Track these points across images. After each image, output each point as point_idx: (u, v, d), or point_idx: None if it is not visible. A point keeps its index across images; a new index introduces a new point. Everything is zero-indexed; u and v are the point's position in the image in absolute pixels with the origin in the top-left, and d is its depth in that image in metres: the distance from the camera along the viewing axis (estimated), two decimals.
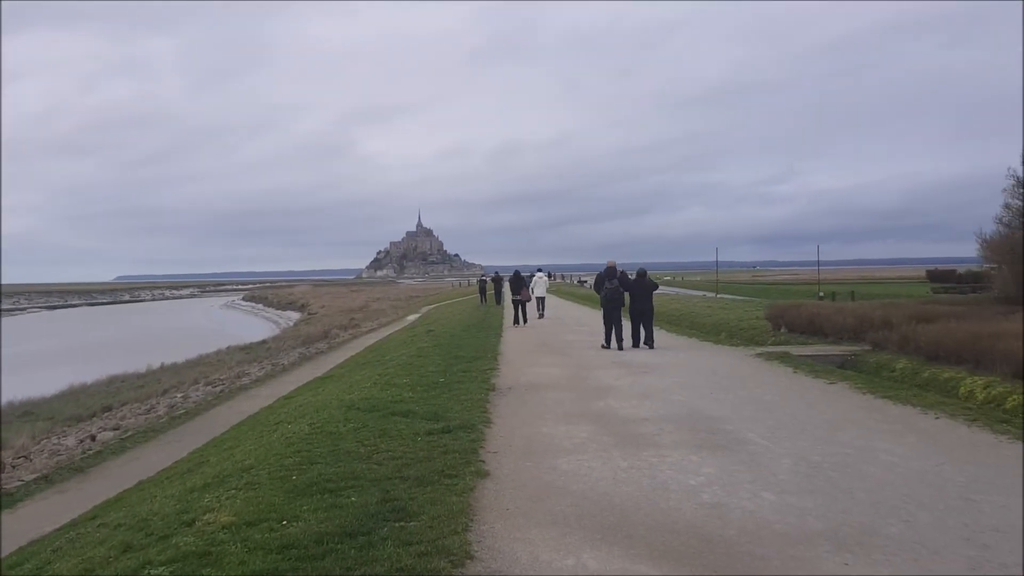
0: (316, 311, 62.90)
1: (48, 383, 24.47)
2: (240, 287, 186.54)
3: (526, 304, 26.30)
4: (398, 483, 5.96)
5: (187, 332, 53.32)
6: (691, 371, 12.84)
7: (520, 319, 25.46)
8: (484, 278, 46.80)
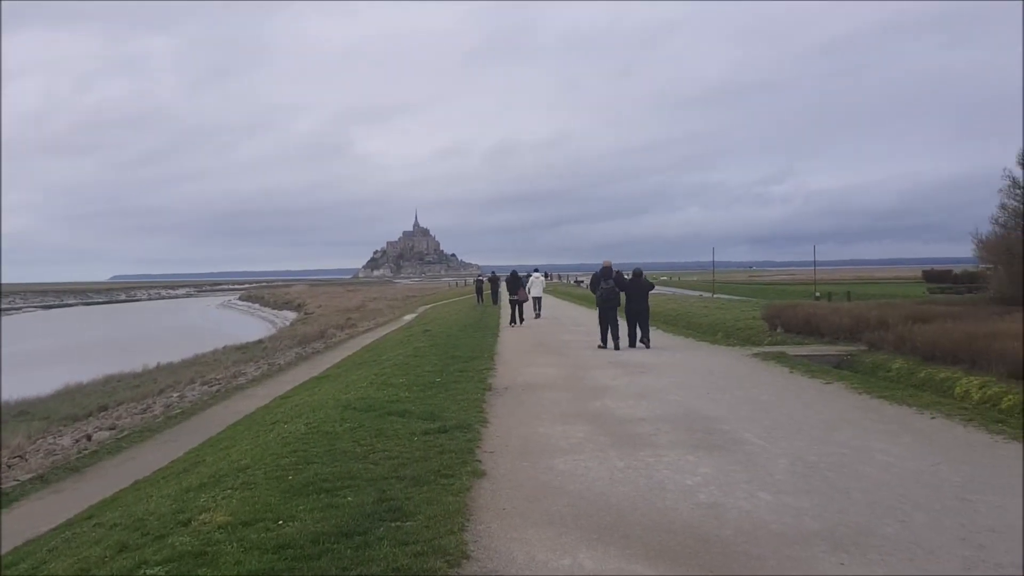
0: (312, 311, 62.81)
1: (44, 383, 24.41)
2: (236, 287, 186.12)
3: (523, 304, 26.31)
4: (394, 483, 5.95)
5: (183, 332, 53.23)
6: (688, 371, 12.85)
7: (517, 319, 25.47)
8: (481, 278, 46.74)
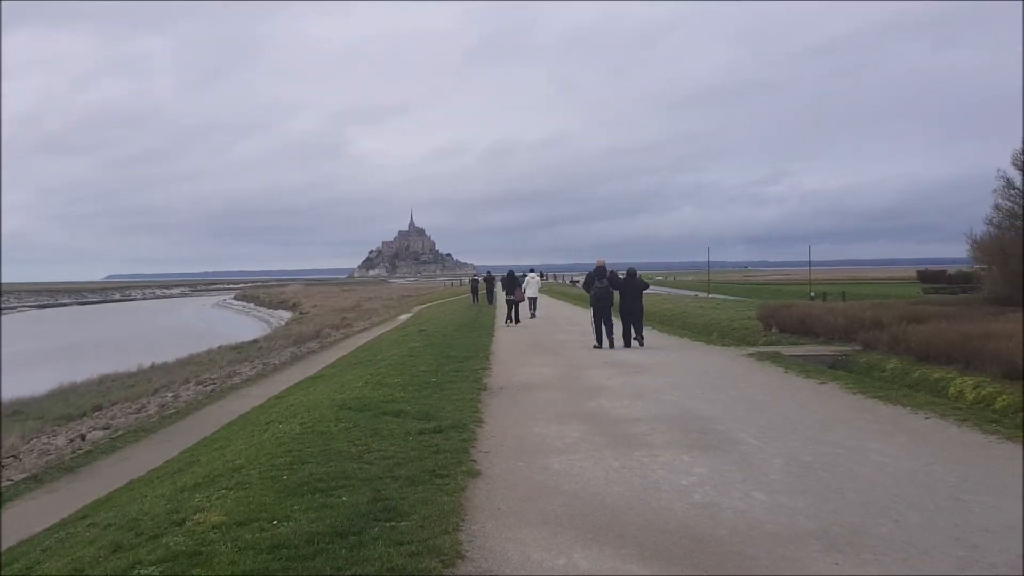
0: (308, 310, 62.75)
1: (38, 382, 24.36)
2: (231, 286, 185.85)
3: (519, 304, 26.35)
4: (389, 483, 5.95)
5: (178, 331, 53.13)
6: (683, 371, 12.87)
7: (513, 319, 25.50)
8: (476, 278, 46.79)
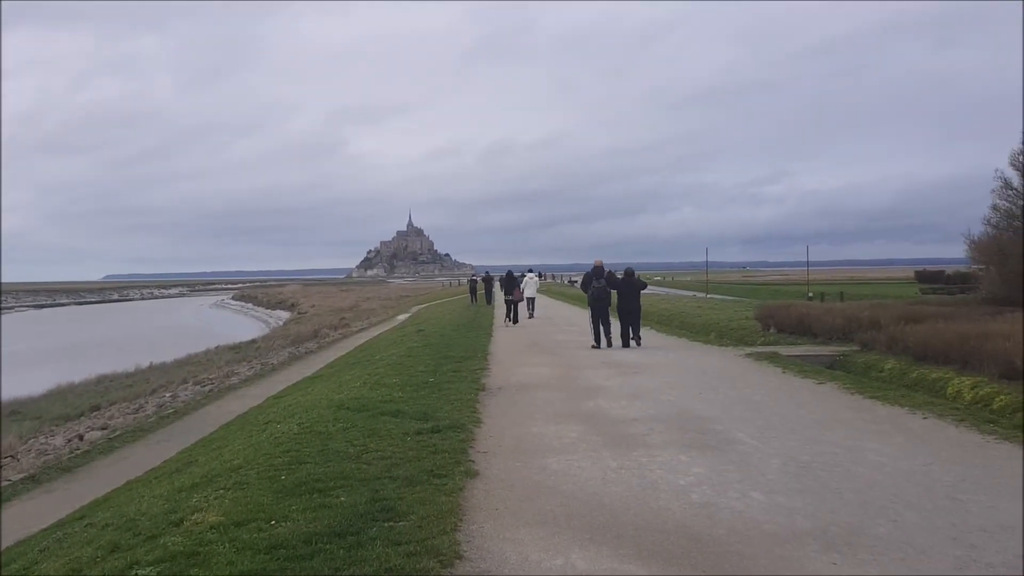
0: (306, 310, 62.74)
1: (36, 382, 24.35)
2: (229, 286, 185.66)
3: (517, 304, 26.37)
4: (387, 483, 5.94)
5: (176, 331, 53.09)
6: (681, 371, 12.87)
7: (511, 319, 25.52)
8: (475, 278, 46.82)
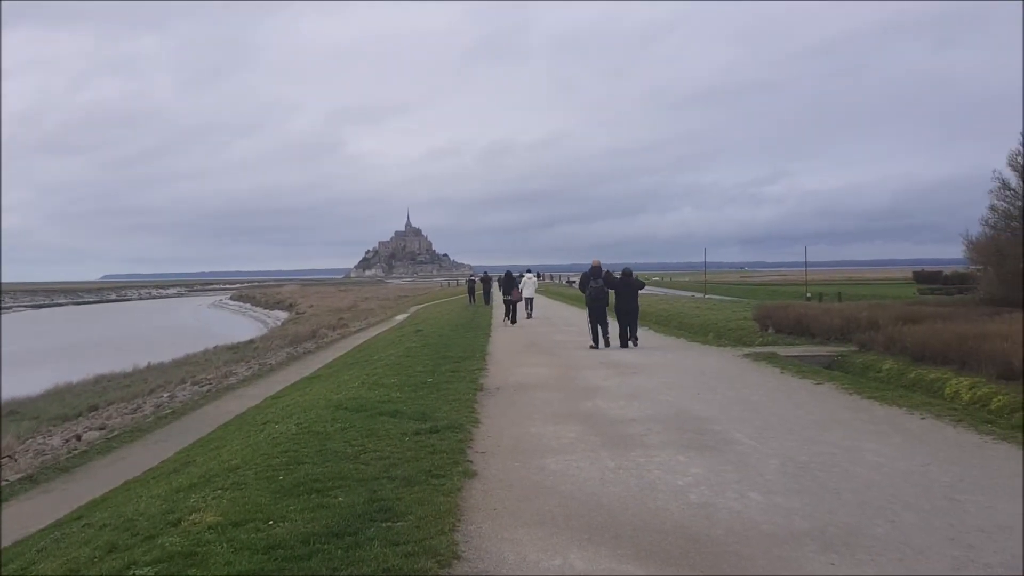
0: (304, 311, 62.74)
1: (33, 382, 24.33)
2: (228, 286, 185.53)
3: (516, 304, 26.39)
4: (385, 483, 5.94)
5: (174, 331, 53.05)
6: (679, 371, 12.88)
7: (510, 318, 25.53)
8: (473, 278, 46.83)
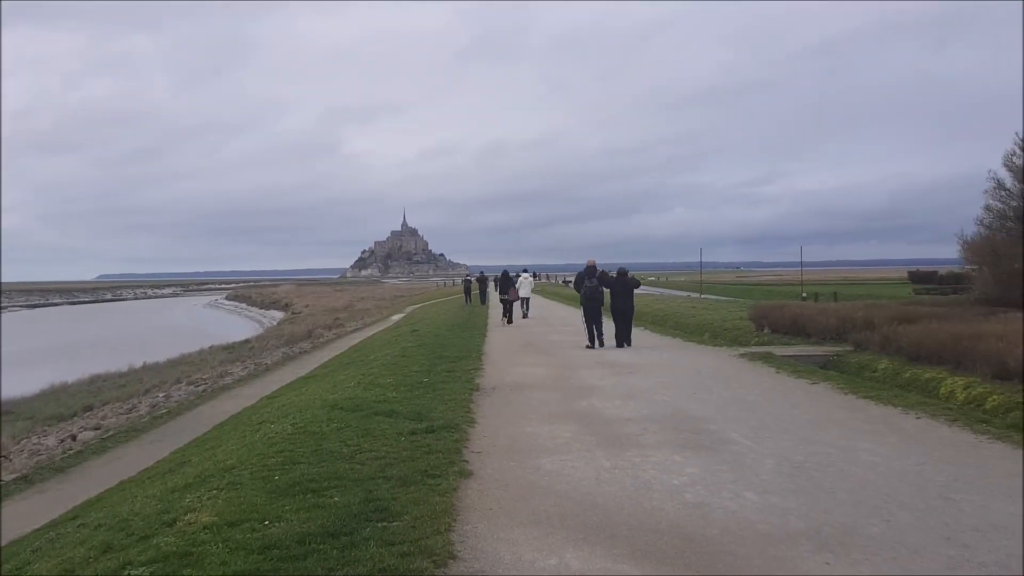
0: (300, 310, 62.67)
1: (28, 382, 24.26)
2: (223, 286, 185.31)
3: (513, 303, 26.41)
4: (381, 483, 5.93)
5: (169, 331, 52.94)
6: (675, 371, 12.88)
7: (508, 318, 25.55)
8: (469, 278, 46.79)
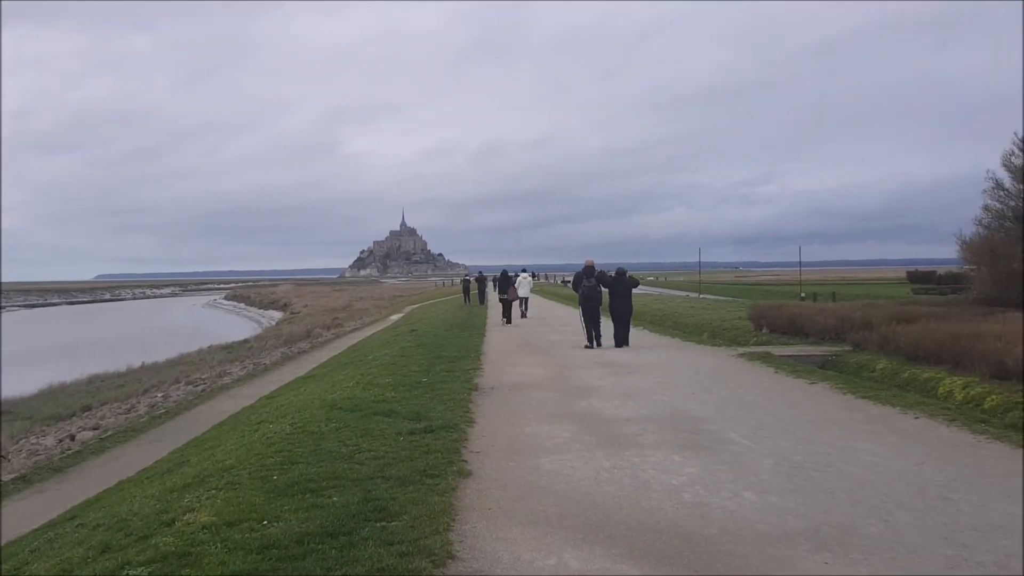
0: (299, 310, 62.64)
1: (27, 382, 24.25)
2: (222, 286, 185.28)
3: (512, 303, 26.43)
4: (380, 483, 5.93)
5: (168, 331, 52.92)
6: (674, 371, 12.88)
7: (507, 318, 25.55)
8: (468, 278, 46.83)
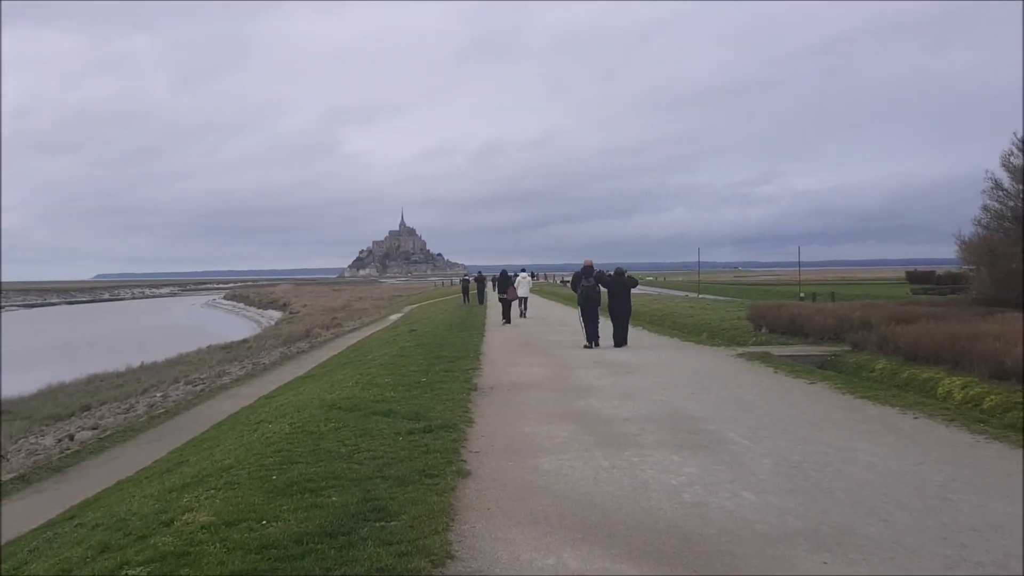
0: (298, 310, 62.63)
1: (26, 382, 24.23)
2: (221, 286, 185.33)
3: (511, 303, 26.45)
4: (379, 483, 5.93)
5: (167, 331, 52.90)
6: (673, 371, 12.88)
7: (506, 318, 25.56)
8: (467, 278, 46.85)
